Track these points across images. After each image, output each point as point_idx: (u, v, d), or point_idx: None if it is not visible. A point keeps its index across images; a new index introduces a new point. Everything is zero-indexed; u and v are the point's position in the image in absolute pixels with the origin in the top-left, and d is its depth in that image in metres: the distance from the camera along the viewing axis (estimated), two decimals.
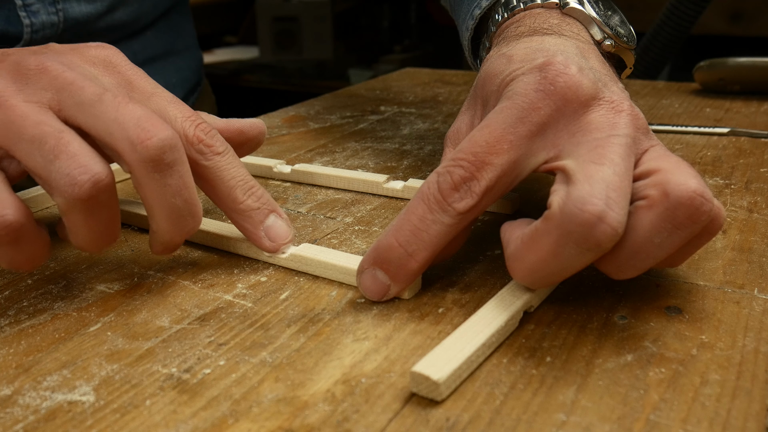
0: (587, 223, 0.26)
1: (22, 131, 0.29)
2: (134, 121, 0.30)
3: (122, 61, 0.35)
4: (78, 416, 0.25)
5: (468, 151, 0.29)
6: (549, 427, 0.24)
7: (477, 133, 0.30)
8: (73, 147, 0.29)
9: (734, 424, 0.24)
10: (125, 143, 0.30)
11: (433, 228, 0.30)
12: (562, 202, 0.27)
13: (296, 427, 0.24)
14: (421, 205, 0.30)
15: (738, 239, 0.38)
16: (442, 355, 0.26)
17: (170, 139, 0.30)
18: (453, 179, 0.29)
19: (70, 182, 0.29)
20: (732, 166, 0.50)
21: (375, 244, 0.31)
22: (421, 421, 0.24)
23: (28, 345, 0.29)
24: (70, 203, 0.29)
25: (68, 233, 0.31)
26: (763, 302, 0.31)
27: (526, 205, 0.43)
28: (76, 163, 0.29)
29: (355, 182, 0.46)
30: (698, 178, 0.28)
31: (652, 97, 0.72)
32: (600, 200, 0.26)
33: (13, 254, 0.30)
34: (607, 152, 0.28)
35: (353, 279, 0.33)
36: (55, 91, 0.31)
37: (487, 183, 0.29)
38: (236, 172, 0.34)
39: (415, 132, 0.61)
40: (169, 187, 0.31)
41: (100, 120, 0.30)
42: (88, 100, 0.30)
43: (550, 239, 0.27)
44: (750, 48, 1.40)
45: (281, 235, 0.35)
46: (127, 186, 0.49)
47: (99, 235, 0.31)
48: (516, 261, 0.29)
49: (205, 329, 0.30)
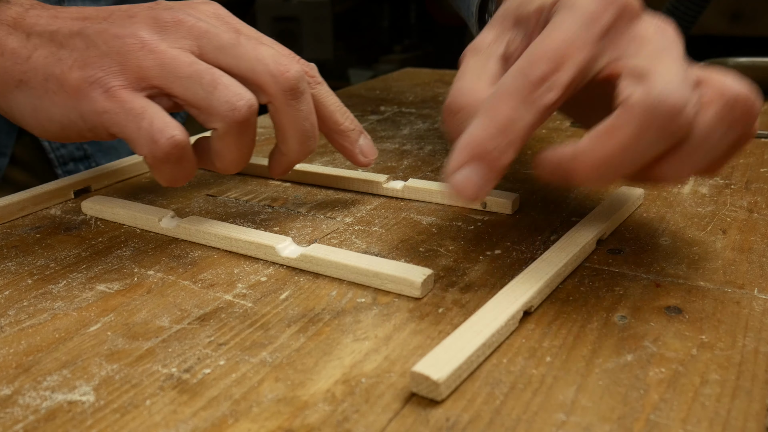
0: (672, 112, 0.28)
1: (178, 71, 0.34)
2: (271, 58, 0.35)
3: (226, 13, 0.39)
4: (78, 416, 0.25)
5: (547, 49, 0.30)
6: (549, 427, 0.24)
7: (549, 35, 0.30)
8: (225, 79, 0.34)
9: (734, 424, 0.24)
10: (267, 76, 0.35)
11: (520, 123, 0.29)
12: (645, 94, 0.28)
13: (296, 427, 0.24)
14: (506, 101, 0.30)
15: (738, 239, 0.38)
16: (442, 355, 0.26)
17: (301, 71, 0.36)
18: (538, 74, 0.29)
19: (230, 107, 0.34)
20: (732, 166, 0.50)
21: (464, 144, 0.30)
22: (421, 421, 0.24)
23: (28, 345, 0.29)
24: (228, 125, 0.34)
25: (216, 157, 0.36)
26: (763, 302, 0.31)
27: (523, 206, 0.43)
28: (232, 92, 0.34)
29: (355, 182, 0.46)
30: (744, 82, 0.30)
31: None
32: (682, 92, 0.28)
33: (176, 171, 0.35)
34: (673, 54, 0.30)
35: (365, 279, 0.33)
36: (194, 39, 0.35)
37: (569, 76, 0.29)
38: (334, 99, 0.40)
39: (415, 132, 0.61)
40: (301, 112, 0.37)
41: (243, 59, 0.35)
42: (228, 44, 0.35)
43: (631, 129, 0.28)
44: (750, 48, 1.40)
45: (371, 152, 0.42)
46: (126, 186, 0.49)
47: (243, 155, 0.37)
48: (587, 154, 0.29)
49: (205, 329, 0.30)
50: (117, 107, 0.34)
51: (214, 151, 0.36)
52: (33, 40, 0.36)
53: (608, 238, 0.38)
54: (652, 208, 0.42)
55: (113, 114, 0.34)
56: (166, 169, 0.35)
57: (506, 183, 0.47)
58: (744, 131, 0.30)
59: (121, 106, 0.34)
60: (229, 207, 0.45)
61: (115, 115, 0.34)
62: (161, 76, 0.34)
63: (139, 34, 0.35)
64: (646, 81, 0.29)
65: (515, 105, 0.29)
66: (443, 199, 0.43)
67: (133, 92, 0.34)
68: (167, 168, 0.35)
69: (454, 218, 0.42)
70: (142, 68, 0.34)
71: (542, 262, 0.33)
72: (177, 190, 0.48)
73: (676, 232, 0.39)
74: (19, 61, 0.36)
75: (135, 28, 0.35)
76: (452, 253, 0.37)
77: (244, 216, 0.43)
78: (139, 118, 0.33)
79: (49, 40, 0.36)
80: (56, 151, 0.63)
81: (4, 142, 0.61)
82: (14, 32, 0.37)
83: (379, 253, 0.37)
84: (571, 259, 0.34)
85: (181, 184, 0.37)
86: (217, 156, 0.36)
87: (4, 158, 0.61)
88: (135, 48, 0.34)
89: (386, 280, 0.33)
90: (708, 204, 0.43)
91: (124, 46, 0.34)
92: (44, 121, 0.36)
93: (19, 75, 0.36)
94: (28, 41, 0.36)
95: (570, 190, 0.46)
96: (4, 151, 0.61)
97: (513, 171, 0.50)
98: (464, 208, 0.43)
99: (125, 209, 0.41)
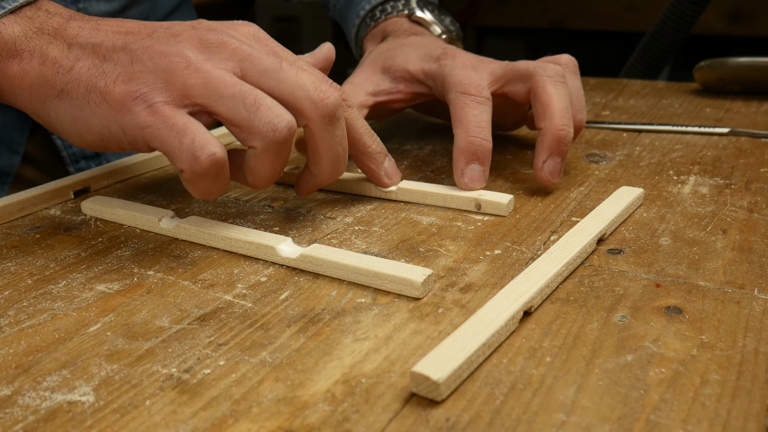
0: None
1: (222, 90, 0.35)
2: (312, 84, 0.37)
3: (265, 36, 0.40)
4: (78, 416, 0.25)
5: (484, 74, 0.47)
6: (549, 427, 0.24)
7: (472, 71, 0.47)
8: (268, 101, 0.35)
9: (734, 424, 0.24)
10: (308, 102, 0.37)
11: (484, 116, 0.44)
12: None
13: (296, 427, 0.24)
14: (468, 106, 0.44)
15: (738, 239, 0.38)
16: (442, 355, 0.26)
17: (339, 98, 0.38)
18: (475, 86, 0.45)
19: (272, 128, 0.35)
20: (732, 166, 0.50)
21: (460, 148, 0.43)
22: (421, 421, 0.24)
23: (28, 345, 0.29)
24: (268, 145, 0.35)
25: (249, 173, 0.37)
26: (763, 302, 0.31)
27: (523, 206, 0.43)
28: (273, 113, 0.35)
29: (348, 184, 0.46)
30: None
31: (652, 97, 0.72)
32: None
33: (212, 186, 0.36)
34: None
35: (365, 279, 0.33)
36: (238, 61, 0.37)
37: (491, 87, 0.47)
38: (363, 122, 0.42)
39: (415, 132, 0.61)
40: (336, 137, 0.38)
41: (284, 84, 0.37)
42: (271, 69, 0.37)
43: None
44: (750, 48, 1.39)
45: (396, 174, 0.45)
46: (126, 186, 0.49)
47: (276, 173, 0.38)
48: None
49: (205, 329, 0.30)
50: (159, 123, 0.34)
51: (249, 167, 0.37)
52: (75, 50, 0.37)
53: (608, 238, 0.38)
54: (652, 208, 0.42)
55: (155, 129, 0.34)
56: (202, 184, 0.35)
57: (506, 183, 0.47)
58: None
59: (163, 122, 0.34)
60: (229, 207, 0.45)
61: (157, 131, 0.34)
62: (205, 94, 0.35)
63: (185, 53, 0.35)
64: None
65: (474, 105, 0.44)
66: (437, 200, 0.43)
67: (176, 109, 0.35)
68: (204, 183, 0.35)
69: (454, 218, 0.42)
70: (186, 86, 0.35)
71: (542, 262, 0.33)
72: (177, 191, 0.48)
73: (676, 232, 0.39)
74: (62, 71, 0.36)
75: (181, 47, 0.36)
76: (452, 253, 0.37)
77: (244, 216, 0.43)
78: (182, 134, 0.34)
79: (92, 53, 0.36)
80: (68, 149, 0.63)
81: (16, 140, 0.61)
82: (55, 42, 0.37)
83: (379, 253, 0.37)
84: (571, 259, 0.34)
85: (213, 197, 0.37)
86: (251, 172, 0.37)
87: (17, 156, 0.61)
88: (181, 66, 0.35)
89: (386, 280, 0.33)
90: (708, 204, 0.43)
91: (170, 64, 0.35)
92: (83, 131, 0.37)
93: (61, 85, 0.36)
94: (69, 51, 0.37)
95: (570, 190, 0.46)
96: (17, 149, 0.61)
97: (513, 171, 0.50)
98: (459, 209, 0.43)
99: (125, 209, 0.41)
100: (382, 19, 0.58)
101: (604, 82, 0.80)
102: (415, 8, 0.58)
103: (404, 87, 0.51)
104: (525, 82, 0.46)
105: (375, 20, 0.59)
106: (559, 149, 0.43)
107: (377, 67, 0.52)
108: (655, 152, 0.53)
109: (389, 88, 0.51)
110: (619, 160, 0.52)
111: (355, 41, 0.63)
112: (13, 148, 0.61)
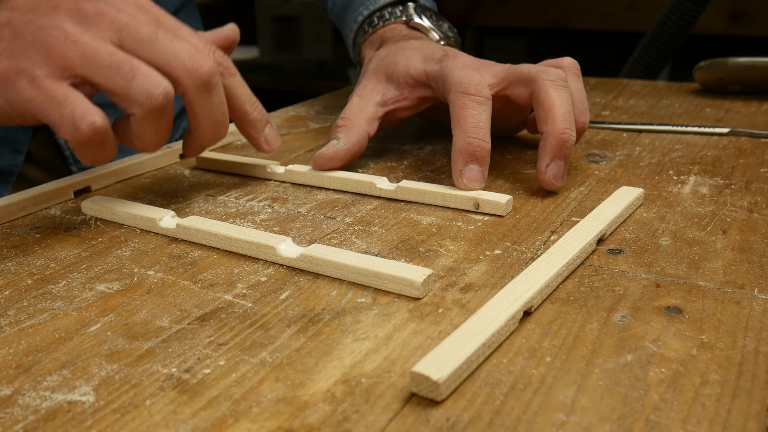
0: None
1: (99, 61, 0.36)
2: (187, 53, 0.38)
3: (147, 2, 0.41)
4: (78, 416, 0.25)
5: (486, 75, 0.48)
6: (549, 427, 0.24)
7: (473, 71, 0.46)
8: (143, 69, 0.37)
9: (734, 424, 0.24)
10: (182, 71, 0.38)
11: (483, 116, 0.44)
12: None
13: (296, 427, 0.24)
14: (467, 106, 0.44)
15: (738, 239, 0.38)
16: (442, 355, 0.26)
17: (214, 66, 0.39)
18: (475, 85, 0.45)
19: (148, 96, 0.36)
20: (732, 166, 0.50)
21: (458, 149, 0.43)
22: (421, 421, 0.24)
23: (28, 345, 0.29)
24: (146, 112, 0.37)
25: (135, 139, 0.39)
26: (763, 302, 0.31)
27: (523, 206, 0.43)
28: (149, 81, 0.36)
29: (348, 183, 0.46)
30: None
31: (652, 97, 0.72)
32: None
33: (98, 153, 0.37)
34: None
35: (365, 279, 0.33)
36: (115, 30, 0.37)
37: (493, 88, 0.47)
38: (245, 90, 0.44)
39: (415, 132, 0.61)
40: (212, 104, 0.40)
41: (160, 54, 0.38)
42: (146, 38, 0.38)
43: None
44: (750, 48, 1.39)
45: (275, 141, 0.47)
46: (126, 186, 0.49)
47: (161, 138, 0.39)
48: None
49: (205, 329, 0.30)
50: (42, 95, 0.36)
51: (134, 133, 0.39)
52: None
53: (608, 238, 0.38)
54: (652, 208, 0.42)
55: (38, 102, 0.36)
56: (88, 151, 0.37)
57: (506, 183, 0.47)
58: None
59: (45, 95, 0.35)
60: (229, 207, 0.45)
61: (40, 103, 0.36)
62: (84, 65, 0.36)
63: (62, 25, 0.37)
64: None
65: (474, 105, 0.44)
66: (436, 199, 0.43)
67: (57, 81, 0.36)
68: (90, 150, 0.37)
69: (454, 218, 0.42)
70: (66, 58, 0.36)
71: (542, 262, 0.33)
72: (177, 191, 0.48)
73: (676, 232, 0.39)
74: None
75: (59, 19, 0.37)
76: (452, 253, 0.37)
77: (244, 216, 0.43)
78: (62, 105, 0.35)
79: None
80: (71, 149, 0.63)
81: (20, 140, 0.61)
82: None
83: (379, 253, 0.37)
84: (571, 259, 0.34)
85: (103, 164, 0.39)
86: (137, 138, 0.39)
87: (20, 155, 0.62)
88: (59, 39, 0.36)
89: (386, 280, 0.33)
90: (708, 204, 0.43)
91: (49, 38, 0.36)
92: None
93: None
94: None
95: (570, 190, 0.46)
96: (20, 149, 0.61)
97: (513, 171, 0.50)
98: (458, 209, 0.43)
99: (125, 209, 0.41)
100: (380, 26, 0.59)
101: (604, 82, 0.80)
102: (413, 14, 0.58)
103: (409, 93, 0.51)
104: (527, 86, 0.46)
105: (373, 26, 0.59)
106: (562, 153, 0.43)
107: (381, 75, 0.52)
108: (655, 152, 0.53)
109: (395, 95, 0.51)
110: (619, 160, 0.52)
111: (352, 46, 0.63)
112: (16, 148, 0.61)
